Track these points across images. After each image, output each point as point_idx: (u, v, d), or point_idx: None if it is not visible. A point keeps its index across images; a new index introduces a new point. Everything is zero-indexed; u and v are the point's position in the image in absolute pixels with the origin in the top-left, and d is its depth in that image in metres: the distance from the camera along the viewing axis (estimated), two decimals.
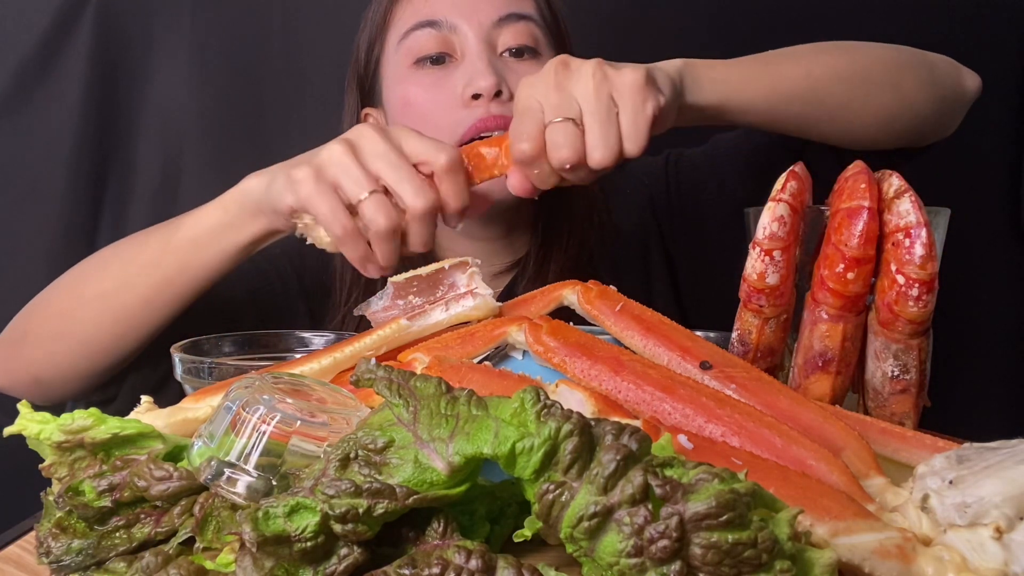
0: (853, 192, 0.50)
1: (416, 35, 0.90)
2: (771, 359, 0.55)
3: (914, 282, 0.47)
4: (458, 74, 0.89)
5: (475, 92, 0.87)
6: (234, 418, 0.40)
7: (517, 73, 0.88)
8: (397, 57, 0.93)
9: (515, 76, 0.88)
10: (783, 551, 0.30)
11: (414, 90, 0.91)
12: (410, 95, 0.91)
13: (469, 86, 0.87)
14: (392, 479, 0.35)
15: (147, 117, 1.32)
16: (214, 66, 1.32)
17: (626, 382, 0.45)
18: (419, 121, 0.88)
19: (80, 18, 1.29)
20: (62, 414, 0.44)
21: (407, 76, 0.91)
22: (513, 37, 0.90)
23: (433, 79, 0.90)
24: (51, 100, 1.29)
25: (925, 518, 0.37)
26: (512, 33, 0.91)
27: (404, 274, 0.57)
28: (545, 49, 0.93)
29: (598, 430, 0.33)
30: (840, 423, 0.44)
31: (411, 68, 0.91)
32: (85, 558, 0.40)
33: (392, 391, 0.37)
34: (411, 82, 0.91)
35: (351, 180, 0.65)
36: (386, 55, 0.94)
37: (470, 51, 0.89)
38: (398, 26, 0.93)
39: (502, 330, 0.52)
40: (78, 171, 1.28)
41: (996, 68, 1.32)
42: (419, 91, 0.91)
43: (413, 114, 0.91)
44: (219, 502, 0.40)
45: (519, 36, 0.91)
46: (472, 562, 0.33)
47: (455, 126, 0.87)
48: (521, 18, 0.91)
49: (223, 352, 0.66)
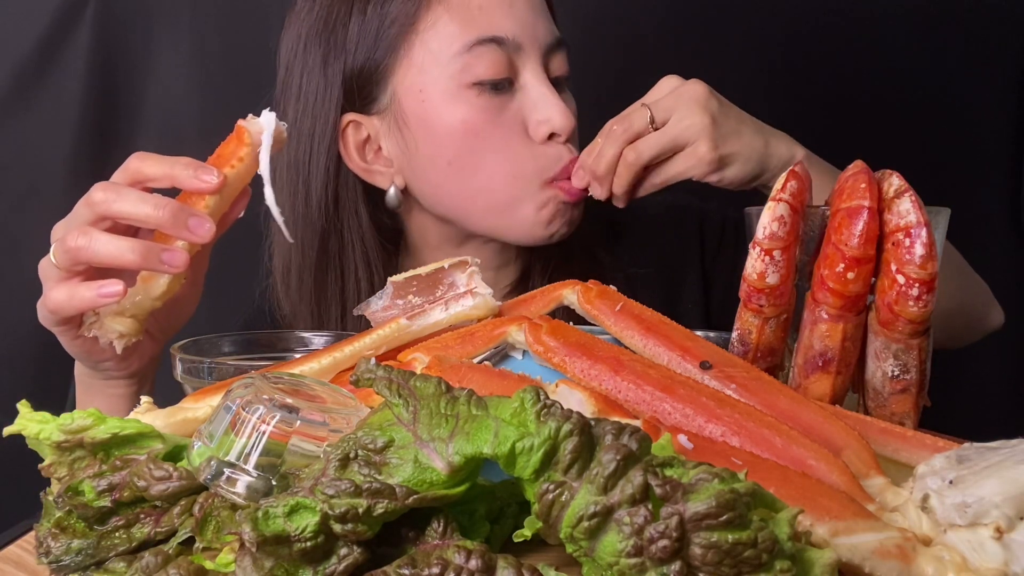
0: (853, 192, 0.50)
1: (479, 51, 0.80)
2: (771, 359, 0.55)
3: (914, 282, 0.47)
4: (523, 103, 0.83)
5: (555, 131, 0.82)
6: (234, 418, 0.40)
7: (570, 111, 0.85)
8: (443, 72, 0.81)
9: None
10: (783, 551, 0.30)
11: (476, 116, 0.82)
12: (472, 122, 0.82)
13: (544, 124, 0.82)
14: (392, 479, 0.35)
15: (147, 117, 1.32)
16: (214, 66, 1.32)
17: (626, 382, 0.45)
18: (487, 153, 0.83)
19: (80, 18, 1.29)
20: (62, 414, 0.44)
21: (462, 97, 0.81)
22: (560, 66, 0.86)
23: (496, 105, 0.82)
24: (51, 100, 1.29)
25: (925, 518, 0.37)
26: (560, 60, 0.86)
27: (404, 274, 0.57)
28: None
29: (598, 430, 0.33)
30: (840, 423, 0.44)
31: (467, 88, 0.81)
32: (85, 558, 0.40)
33: (392, 391, 0.37)
34: (470, 106, 0.81)
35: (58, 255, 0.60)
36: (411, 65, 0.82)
37: (534, 79, 0.83)
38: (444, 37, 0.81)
39: (502, 330, 0.51)
40: (78, 171, 1.28)
41: (996, 68, 1.33)
42: (482, 118, 0.82)
43: (480, 145, 0.82)
44: (219, 502, 0.40)
45: (564, 65, 0.86)
46: (472, 562, 0.33)
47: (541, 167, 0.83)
48: (563, 45, 0.86)
49: (223, 352, 0.66)
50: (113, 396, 0.71)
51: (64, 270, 0.60)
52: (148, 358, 0.70)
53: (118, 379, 0.70)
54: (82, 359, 0.69)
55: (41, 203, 1.28)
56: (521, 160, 0.83)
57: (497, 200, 0.85)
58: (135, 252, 0.58)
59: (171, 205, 0.59)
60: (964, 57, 1.32)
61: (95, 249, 0.59)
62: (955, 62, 1.32)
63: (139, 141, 1.31)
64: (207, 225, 0.59)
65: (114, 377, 0.70)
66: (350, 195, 0.88)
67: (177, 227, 0.59)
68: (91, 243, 0.59)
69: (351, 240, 0.88)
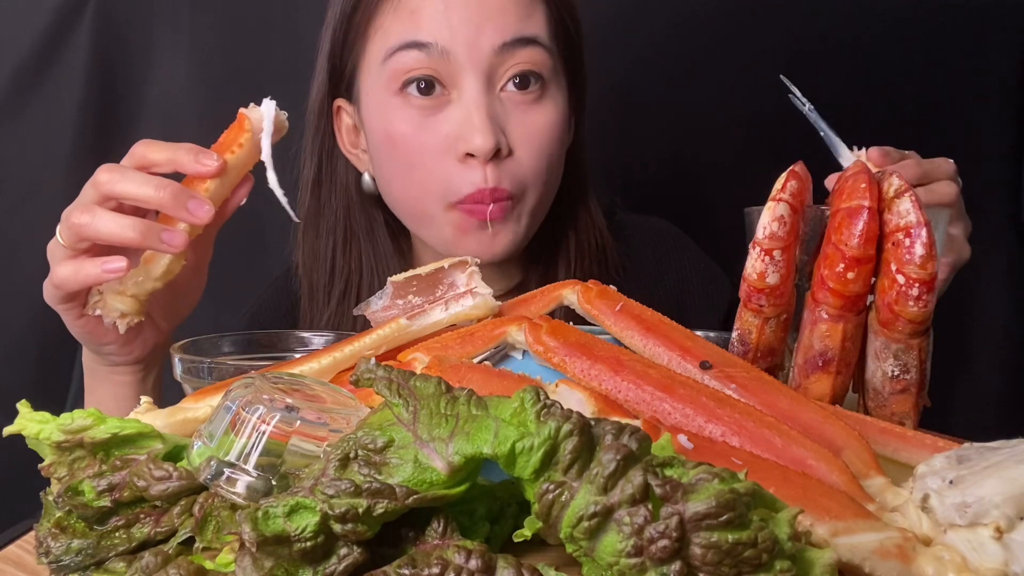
0: (853, 192, 0.50)
1: (400, 58, 0.78)
2: (771, 359, 0.55)
3: (914, 282, 0.47)
4: (451, 116, 0.78)
5: (469, 151, 0.77)
6: (234, 418, 0.40)
7: (518, 115, 0.79)
8: (381, 77, 0.81)
9: (516, 120, 0.79)
10: (783, 551, 0.30)
11: (400, 126, 0.80)
12: (395, 131, 0.80)
13: (462, 140, 0.77)
14: (392, 479, 0.35)
15: (147, 117, 1.32)
16: (214, 66, 1.32)
17: (626, 382, 0.45)
18: (404, 164, 0.81)
19: (79, 18, 1.28)
20: (61, 414, 0.44)
21: (391, 105, 0.80)
22: (517, 68, 0.79)
23: (421, 114, 0.79)
24: (50, 100, 1.29)
25: (925, 518, 0.37)
26: (516, 63, 0.79)
27: (404, 274, 0.57)
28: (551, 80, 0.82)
29: (598, 430, 0.33)
30: (840, 423, 0.44)
31: (396, 95, 0.80)
32: (84, 558, 0.40)
33: (392, 391, 0.37)
34: (396, 114, 0.80)
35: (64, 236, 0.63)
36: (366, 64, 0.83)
37: (467, 91, 0.78)
38: (383, 37, 0.81)
39: (502, 330, 0.51)
40: (78, 171, 1.28)
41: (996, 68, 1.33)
42: (406, 128, 0.80)
43: (398, 155, 0.81)
44: (219, 502, 0.40)
45: (523, 68, 0.79)
46: (472, 562, 0.33)
47: (447, 185, 0.79)
48: (529, 43, 0.79)
49: (222, 352, 0.66)
50: (119, 384, 0.72)
51: (69, 247, 0.63)
52: (152, 345, 0.71)
53: (123, 366, 0.71)
54: (86, 341, 0.70)
55: (41, 203, 1.28)
56: (431, 179, 0.80)
57: (411, 212, 0.86)
58: (135, 230, 0.60)
59: (172, 187, 0.61)
60: (964, 57, 1.32)
61: (97, 226, 0.61)
62: (955, 62, 1.32)
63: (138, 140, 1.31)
64: (206, 207, 0.61)
65: (118, 363, 0.71)
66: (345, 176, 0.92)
67: (177, 208, 0.61)
68: (94, 220, 0.61)
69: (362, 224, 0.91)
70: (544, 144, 0.82)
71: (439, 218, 0.82)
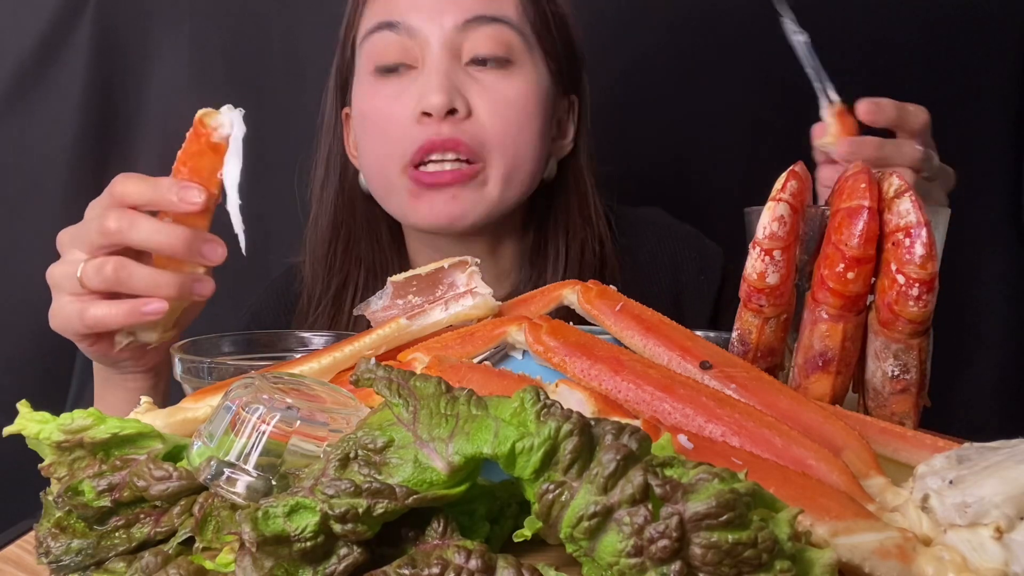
0: (853, 192, 0.50)
1: (374, 39, 0.84)
2: (771, 359, 0.55)
3: (914, 282, 0.47)
4: (415, 86, 0.82)
5: (424, 110, 0.80)
6: (234, 418, 0.40)
7: (483, 84, 0.82)
8: (360, 60, 0.86)
9: (480, 88, 0.82)
10: (783, 551, 0.30)
11: (373, 102, 0.85)
12: (367, 107, 0.85)
13: (420, 102, 0.80)
14: (392, 479, 0.34)
15: (146, 117, 1.32)
16: (213, 67, 1.32)
17: (626, 382, 0.45)
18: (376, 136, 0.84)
19: (79, 19, 1.29)
20: (62, 414, 0.44)
21: (369, 85, 0.85)
22: (481, 43, 0.82)
23: (394, 90, 0.83)
24: (51, 100, 1.29)
25: (925, 518, 0.37)
26: (480, 38, 0.82)
27: (403, 273, 0.57)
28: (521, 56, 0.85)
29: (598, 430, 0.33)
30: (840, 423, 0.44)
31: (372, 76, 0.85)
32: (84, 558, 0.40)
33: (392, 391, 0.37)
34: (372, 92, 0.85)
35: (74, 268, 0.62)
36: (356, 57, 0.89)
37: (429, 61, 0.82)
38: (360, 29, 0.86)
39: (502, 330, 0.51)
40: (78, 171, 1.28)
41: (996, 68, 1.33)
42: (378, 103, 0.84)
43: (370, 128, 0.85)
44: (219, 502, 0.40)
45: (487, 42, 0.82)
46: (472, 562, 0.33)
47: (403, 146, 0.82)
48: (493, 21, 0.83)
49: (222, 352, 0.66)
50: (131, 389, 0.72)
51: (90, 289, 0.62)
52: (164, 352, 0.71)
53: (136, 373, 0.72)
54: (101, 361, 0.70)
55: (41, 203, 1.28)
56: (391, 144, 0.83)
57: (377, 185, 0.88)
58: (172, 287, 0.61)
59: (184, 235, 0.61)
60: (964, 57, 1.32)
61: (134, 283, 0.61)
62: (955, 62, 1.32)
63: (138, 141, 1.31)
64: (220, 250, 0.62)
65: (131, 371, 0.71)
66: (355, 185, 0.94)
67: (191, 255, 0.62)
68: (131, 276, 0.61)
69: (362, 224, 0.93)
70: (509, 110, 0.84)
71: (397, 183, 0.84)
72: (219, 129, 0.61)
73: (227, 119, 0.61)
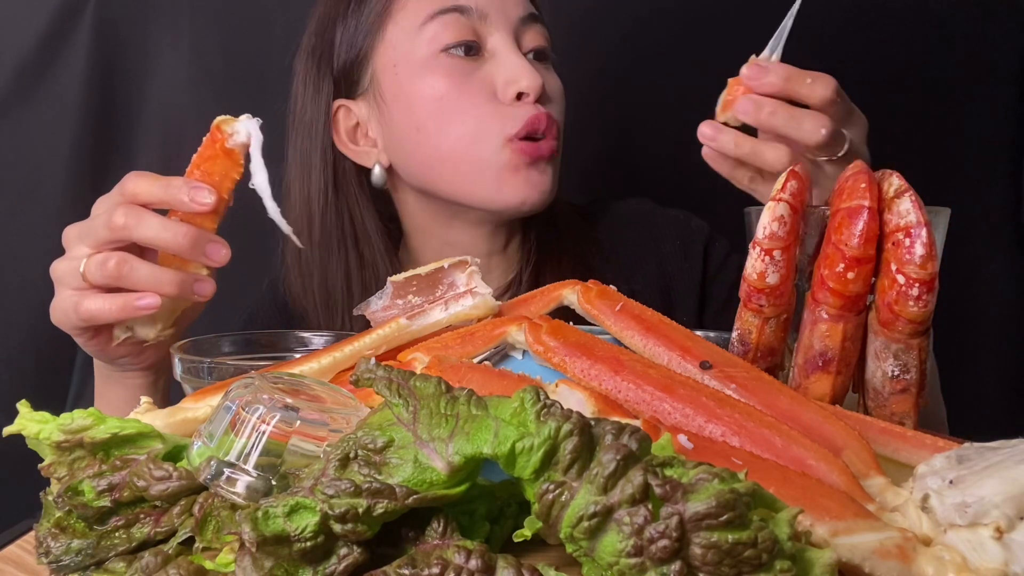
0: (853, 192, 0.50)
1: (443, 20, 0.85)
2: (771, 359, 0.55)
3: (914, 282, 0.47)
4: (492, 69, 0.85)
5: (520, 91, 0.84)
6: (234, 418, 0.40)
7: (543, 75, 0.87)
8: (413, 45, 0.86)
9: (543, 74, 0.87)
10: (783, 551, 0.30)
11: (443, 82, 0.85)
12: (440, 88, 0.85)
13: (512, 84, 0.84)
14: (392, 479, 0.34)
15: (146, 117, 1.32)
16: (213, 66, 1.32)
17: (626, 382, 0.45)
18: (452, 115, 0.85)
19: (79, 18, 1.28)
20: (61, 414, 0.44)
21: (431, 66, 0.85)
22: (534, 38, 0.89)
23: (463, 71, 0.85)
24: (50, 100, 1.29)
25: (925, 518, 0.37)
26: (534, 34, 0.89)
27: (404, 273, 0.57)
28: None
29: (598, 430, 0.33)
30: (840, 423, 0.44)
31: (435, 57, 0.85)
32: (84, 558, 0.40)
33: (392, 391, 0.37)
34: (438, 73, 0.85)
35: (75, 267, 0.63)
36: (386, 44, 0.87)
37: (503, 46, 0.86)
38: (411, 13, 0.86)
39: (502, 330, 0.51)
40: (78, 171, 1.28)
41: (996, 68, 1.33)
42: (448, 84, 0.85)
43: (444, 109, 0.85)
44: (219, 502, 0.40)
45: (539, 38, 0.89)
46: (472, 562, 0.33)
47: (503, 122, 0.84)
48: (538, 20, 0.90)
49: (222, 352, 0.66)
50: (131, 387, 0.73)
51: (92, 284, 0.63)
52: (165, 349, 0.72)
53: (136, 371, 0.72)
54: (99, 357, 0.71)
55: (41, 203, 1.28)
56: (485, 121, 0.85)
57: (462, 162, 0.87)
58: (172, 285, 0.62)
59: (190, 233, 0.61)
60: (964, 57, 1.32)
61: (135, 279, 0.62)
62: (955, 62, 1.32)
63: (138, 141, 1.31)
64: (224, 251, 0.63)
65: (132, 369, 0.72)
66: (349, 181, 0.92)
67: (196, 254, 0.62)
68: (132, 271, 0.62)
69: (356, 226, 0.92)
70: (562, 102, 0.91)
71: (492, 160, 0.85)
72: (234, 136, 0.62)
73: (243, 128, 0.62)
